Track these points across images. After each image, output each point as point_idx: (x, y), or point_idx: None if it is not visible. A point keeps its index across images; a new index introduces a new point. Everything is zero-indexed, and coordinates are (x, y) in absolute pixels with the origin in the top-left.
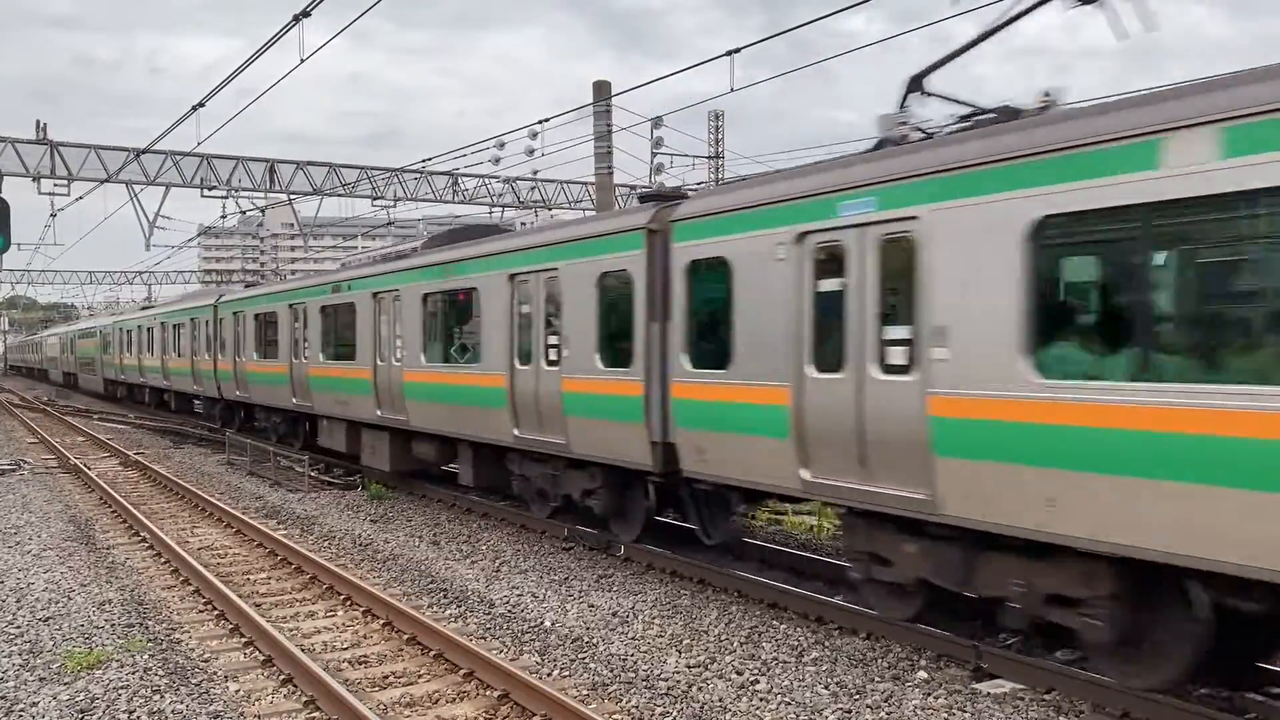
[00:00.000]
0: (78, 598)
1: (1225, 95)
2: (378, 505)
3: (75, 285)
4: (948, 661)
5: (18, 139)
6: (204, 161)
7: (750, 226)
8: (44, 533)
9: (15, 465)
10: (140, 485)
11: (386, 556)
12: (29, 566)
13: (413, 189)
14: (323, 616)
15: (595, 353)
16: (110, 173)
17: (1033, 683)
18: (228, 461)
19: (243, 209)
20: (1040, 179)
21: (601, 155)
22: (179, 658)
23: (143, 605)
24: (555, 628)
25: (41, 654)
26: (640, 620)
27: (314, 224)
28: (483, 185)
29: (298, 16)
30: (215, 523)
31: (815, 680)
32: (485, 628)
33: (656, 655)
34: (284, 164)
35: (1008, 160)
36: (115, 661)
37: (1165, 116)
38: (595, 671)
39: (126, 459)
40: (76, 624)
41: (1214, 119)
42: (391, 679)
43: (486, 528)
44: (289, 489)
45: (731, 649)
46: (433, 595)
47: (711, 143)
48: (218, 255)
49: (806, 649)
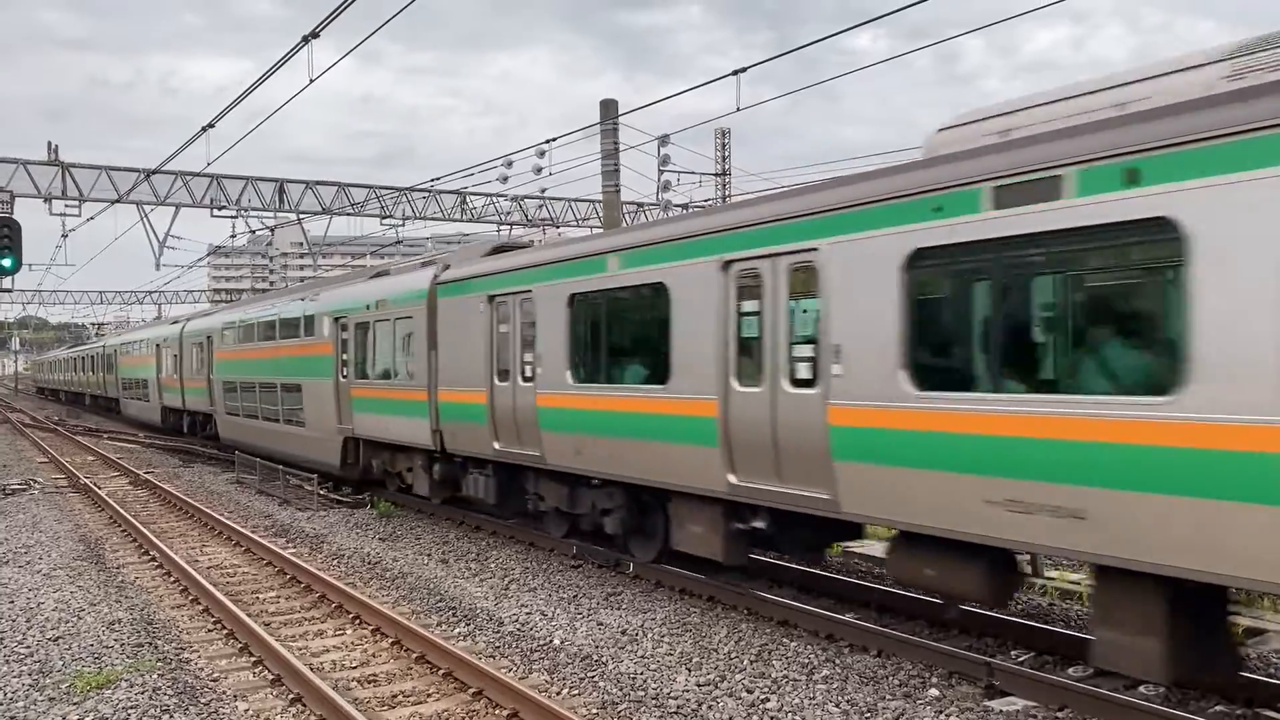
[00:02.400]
0: (87, 617)
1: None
2: (386, 523)
3: (86, 305)
4: (959, 679)
5: (29, 160)
6: (214, 181)
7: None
8: (54, 552)
9: (26, 485)
10: (150, 504)
11: (395, 574)
12: (39, 586)
13: (421, 208)
14: (332, 635)
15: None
16: (121, 193)
17: (1045, 700)
18: (237, 480)
19: (252, 229)
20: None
21: (609, 173)
22: (188, 677)
23: (152, 625)
24: (564, 646)
25: (51, 674)
26: (650, 638)
27: (323, 243)
28: (491, 204)
29: (307, 38)
30: (224, 541)
31: (826, 698)
32: (494, 646)
33: (666, 673)
34: (293, 183)
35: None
36: (125, 681)
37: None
38: (605, 690)
39: (136, 478)
40: (86, 644)
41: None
42: (400, 698)
43: (495, 545)
44: (298, 507)
45: (741, 667)
46: (442, 613)
47: (718, 160)
48: (227, 275)
49: (817, 667)
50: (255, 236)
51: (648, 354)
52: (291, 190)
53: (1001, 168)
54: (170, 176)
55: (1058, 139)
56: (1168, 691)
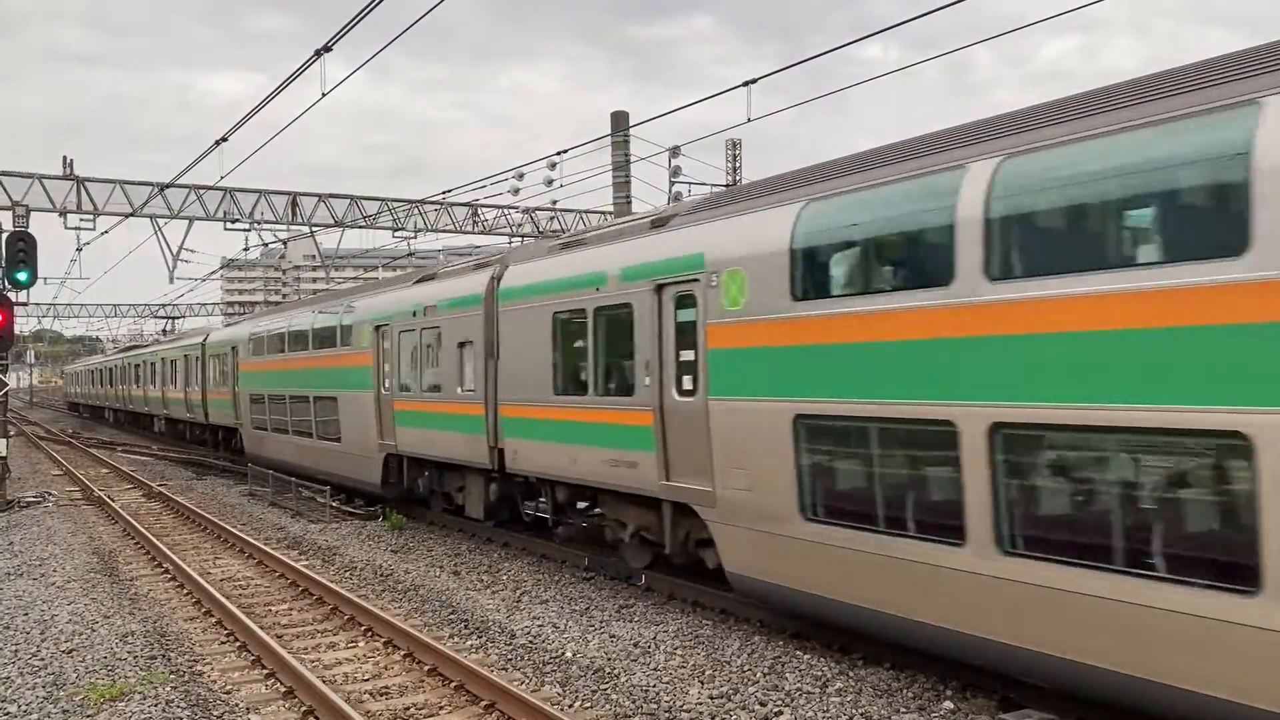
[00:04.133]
0: (101, 629)
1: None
2: (398, 536)
3: (100, 318)
4: (974, 691)
5: (45, 175)
6: (227, 195)
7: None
8: (68, 564)
9: (40, 497)
10: (163, 517)
11: (408, 587)
12: (53, 598)
13: (433, 220)
14: (344, 647)
15: None
16: (135, 207)
17: (1060, 711)
18: (250, 493)
19: (265, 241)
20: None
21: (620, 185)
22: (201, 689)
23: (165, 637)
24: (577, 658)
25: (65, 686)
26: (662, 651)
27: (335, 255)
28: (502, 216)
29: (319, 51)
30: (237, 554)
31: (840, 711)
32: (506, 659)
33: (679, 686)
34: (306, 196)
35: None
36: (138, 693)
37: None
38: (617, 703)
39: (150, 490)
40: (99, 656)
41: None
42: (413, 710)
43: (507, 557)
44: (310, 519)
45: (754, 680)
46: (454, 626)
47: (729, 170)
48: (240, 287)
49: (830, 679)
50: (268, 249)
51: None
52: (304, 203)
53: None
54: (184, 190)
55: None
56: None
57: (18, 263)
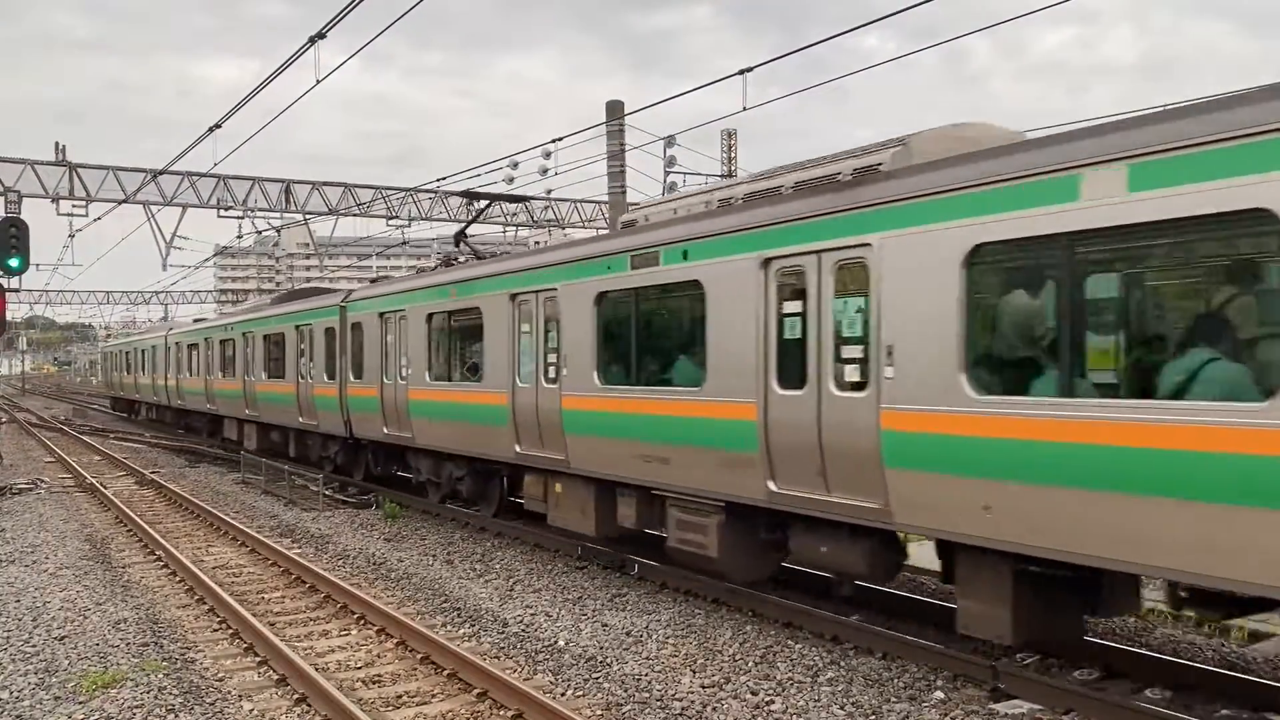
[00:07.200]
0: (93, 617)
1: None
2: (392, 524)
3: (93, 305)
4: (965, 682)
5: (37, 160)
6: (220, 182)
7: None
8: (60, 551)
9: (32, 484)
10: (156, 504)
11: (400, 575)
12: (45, 585)
13: (427, 208)
14: (337, 636)
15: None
16: (128, 194)
17: (1051, 703)
18: (242, 480)
19: (259, 229)
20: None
21: (615, 174)
22: (194, 677)
23: (158, 624)
24: (569, 647)
25: (57, 673)
26: (654, 640)
27: (329, 243)
28: (496, 204)
29: (314, 38)
30: (230, 541)
31: (831, 700)
32: (499, 647)
33: (671, 675)
34: (300, 184)
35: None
36: (130, 681)
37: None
38: (609, 691)
39: (142, 478)
40: (92, 643)
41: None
42: (405, 698)
43: (500, 546)
44: (303, 508)
45: (746, 669)
46: (446, 614)
47: (724, 160)
48: (233, 275)
49: (822, 669)
50: (262, 237)
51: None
52: (298, 191)
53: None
54: (177, 177)
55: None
56: (1173, 694)
57: (9, 249)
